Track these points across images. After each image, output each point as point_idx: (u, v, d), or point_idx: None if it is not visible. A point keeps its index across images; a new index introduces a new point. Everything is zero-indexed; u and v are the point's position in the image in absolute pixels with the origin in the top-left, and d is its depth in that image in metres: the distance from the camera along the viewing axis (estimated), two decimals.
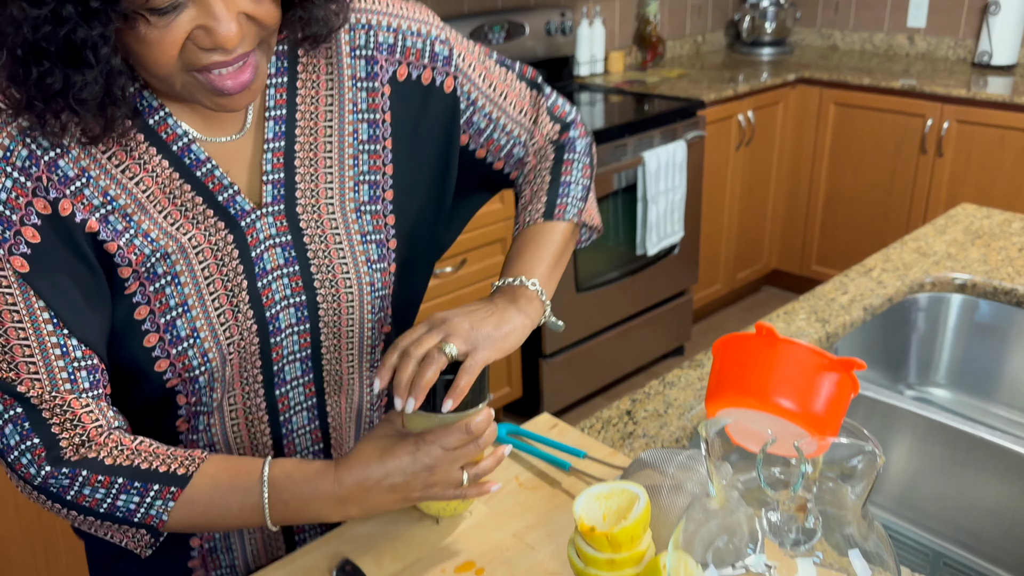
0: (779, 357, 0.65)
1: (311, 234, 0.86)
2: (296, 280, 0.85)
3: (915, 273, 1.55)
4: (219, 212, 0.81)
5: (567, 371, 2.85)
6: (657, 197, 2.82)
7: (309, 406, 0.92)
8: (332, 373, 0.92)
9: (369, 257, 0.89)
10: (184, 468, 0.79)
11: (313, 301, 0.87)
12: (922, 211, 3.22)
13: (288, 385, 0.89)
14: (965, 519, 1.23)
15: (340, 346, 0.91)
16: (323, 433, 0.95)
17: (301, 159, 0.86)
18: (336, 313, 0.88)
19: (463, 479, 0.80)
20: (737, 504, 0.72)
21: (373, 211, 0.90)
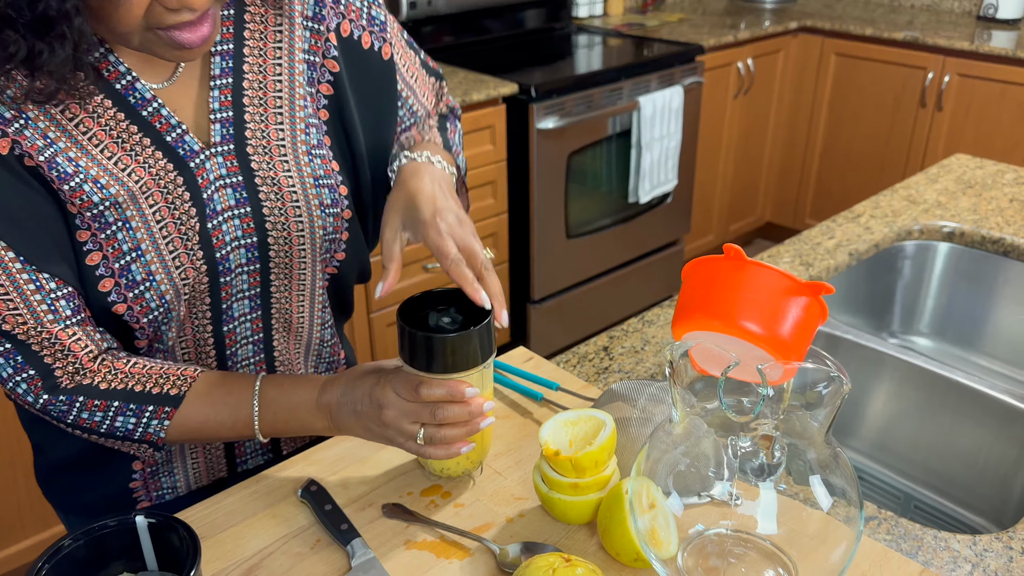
0: (747, 280, 0.64)
1: (263, 176, 0.85)
2: (248, 221, 0.84)
3: (903, 220, 1.54)
4: (168, 153, 0.79)
5: (555, 317, 2.85)
6: (651, 144, 2.79)
7: (255, 340, 0.92)
8: (281, 311, 0.92)
9: (323, 201, 0.88)
10: (176, 388, 0.82)
11: (264, 242, 0.86)
12: (918, 165, 3.19)
13: (236, 321, 0.89)
14: (939, 463, 1.23)
15: (291, 287, 0.91)
16: (269, 366, 0.95)
17: (250, 97, 0.84)
18: (287, 256, 0.88)
19: (418, 435, 0.78)
20: (702, 432, 0.72)
21: (321, 155, 0.88)
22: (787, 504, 0.71)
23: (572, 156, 2.63)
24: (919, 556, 0.82)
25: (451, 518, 0.83)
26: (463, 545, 0.80)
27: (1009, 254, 1.45)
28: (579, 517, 0.81)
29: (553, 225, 2.68)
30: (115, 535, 0.63)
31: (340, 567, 0.78)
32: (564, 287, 2.83)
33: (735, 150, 3.37)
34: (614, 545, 0.77)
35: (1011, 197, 1.61)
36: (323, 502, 0.83)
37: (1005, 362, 1.48)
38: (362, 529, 0.82)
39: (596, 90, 2.60)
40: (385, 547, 0.80)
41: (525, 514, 0.84)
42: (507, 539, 0.81)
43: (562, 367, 1.11)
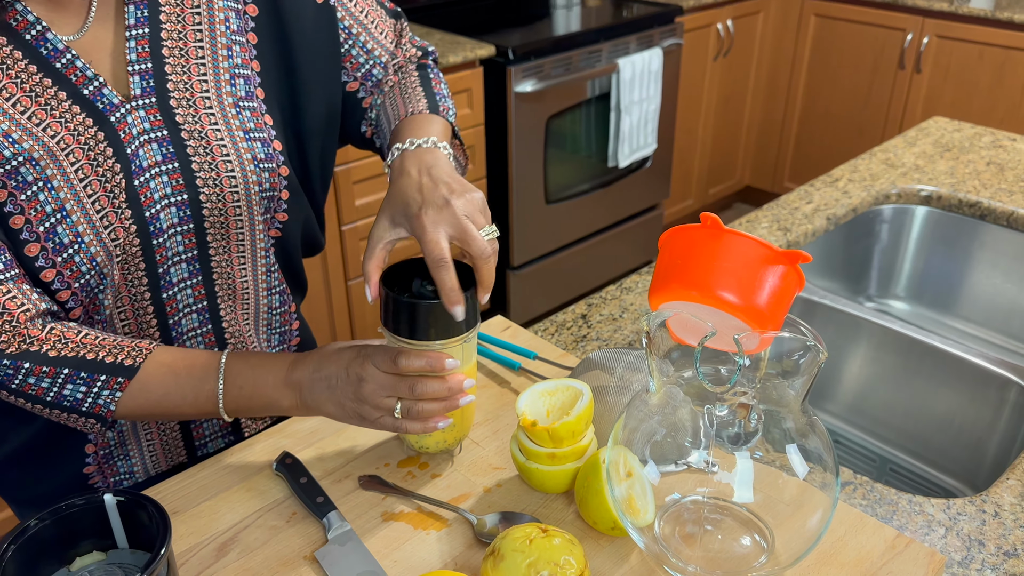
0: (724, 249, 0.63)
1: (189, 130, 0.82)
2: (176, 178, 0.81)
3: (881, 184, 1.53)
4: (86, 107, 0.76)
5: (534, 284, 2.84)
6: (631, 107, 2.76)
7: (199, 308, 0.89)
8: (223, 276, 0.89)
9: (255, 156, 0.85)
10: (131, 359, 0.78)
11: (196, 200, 0.83)
12: (897, 128, 3.19)
13: (175, 287, 0.86)
14: (914, 426, 1.24)
15: (230, 248, 0.88)
16: (218, 337, 0.92)
17: (170, 48, 0.81)
18: (222, 214, 0.85)
19: (395, 409, 0.75)
20: (679, 401, 0.71)
21: (251, 108, 0.85)
22: (764, 471, 0.71)
23: (551, 120, 2.60)
24: (894, 520, 0.82)
25: (428, 489, 0.83)
26: (441, 516, 0.80)
27: (986, 218, 1.46)
28: (556, 486, 0.81)
29: (532, 190, 2.66)
30: (83, 514, 0.62)
31: (316, 540, 0.77)
32: (543, 253, 2.82)
33: (714, 113, 3.35)
34: (591, 514, 0.77)
35: (988, 160, 1.61)
36: (298, 475, 0.83)
37: (980, 325, 1.49)
38: (338, 501, 0.81)
39: (575, 52, 2.57)
40: (362, 519, 0.79)
41: (503, 484, 0.84)
42: (485, 509, 0.80)
43: (540, 336, 1.10)
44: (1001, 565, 0.77)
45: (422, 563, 0.75)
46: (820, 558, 0.75)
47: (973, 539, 0.80)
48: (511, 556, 0.67)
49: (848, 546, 0.75)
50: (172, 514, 0.80)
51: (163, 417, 0.82)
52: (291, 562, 0.75)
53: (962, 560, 0.77)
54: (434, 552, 0.76)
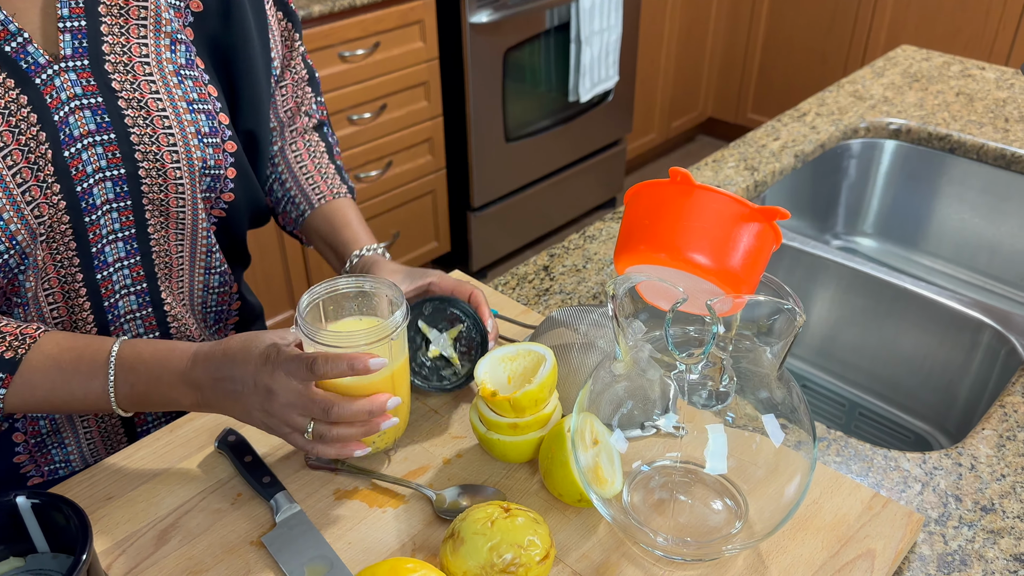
0: (694, 206, 0.58)
1: (127, 97, 0.74)
2: (113, 150, 0.74)
3: (850, 118, 1.48)
4: (7, 66, 0.68)
5: (496, 224, 2.77)
6: (591, 37, 2.66)
7: (138, 290, 0.83)
8: (162, 255, 0.83)
9: (199, 129, 0.77)
10: (12, 351, 0.70)
11: (135, 175, 0.75)
12: (860, 55, 3.13)
13: (110, 268, 0.79)
14: (883, 369, 1.22)
15: (168, 225, 0.81)
16: (159, 320, 0.85)
17: (108, 6, 0.73)
18: (162, 190, 0.78)
19: (307, 429, 0.67)
20: (646, 365, 0.67)
21: (193, 77, 0.78)
22: (737, 436, 0.67)
23: (508, 53, 2.50)
24: (869, 477, 0.80)
25: (382, 463, 0.78)
26: (397, 492, 0.75)
27: (955, 151, 1.42)
28: (519, 457, 0.76)
29: (491, 128, 2.57)
30: None
31: (264, 523, 0.72)
32: (504, 193, 2.75)
33: (676, 42, 3.25)
34: (556, 486, 0.72)
35: (957, 91, 1.57)
36: (243, 453, 0.77)
37: (948, 261, 1.47)
38: (287, 481, 0.76)
39: None
40: (312, 499, 0.74)
41: (463, 454, 0.79)
42: (444, 483, 0.76)
43: (500, 290, 1.05)
44: (978, 521, 0.74)
45: (378, 544, 0.70)
46: (795, 522, 0.72)
47: (950, 494, 0.77)
48: (472, 539, 0.63)
49: (824, 509, 0.72)
50: (107, 499, 0.75)
51: (58, 412, 0.74)
52: (237, 548, 0.70)
53: (939, 517, 0.75)
54: (391, 532, 0.71)
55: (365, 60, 2.19)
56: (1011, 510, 0.76)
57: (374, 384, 0.70)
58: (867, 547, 0.69)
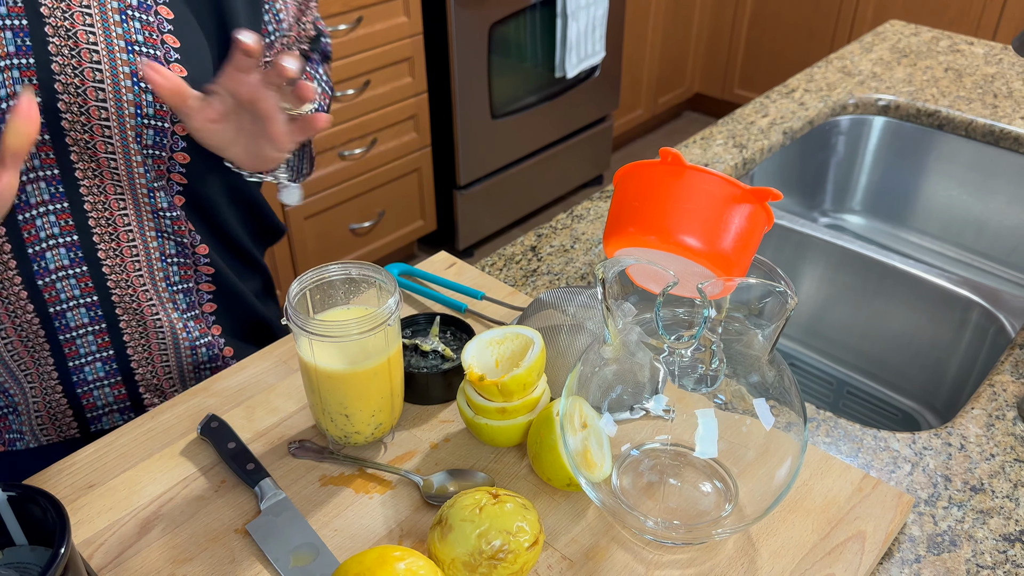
0: (685, 188, 0.56)
1: (55, 24, 0.71)
2: (30, 75, 0.71)
3: (838, 94, 1.47)
4: None
5: (482, 202, 2.75)
6: (578, 12, 2.63)
7: (67, 242, 0.79)
8: (99, 208, 0.79)
9: (136, 72, 0.74)
10: None
11: (54, 107, 0.72)
12: (847, 31, 3.11)
13: (34, 210, 0.76)
14: (871, 347, 1.22)
15: (102, 174, 0.77)
16: (97, 283, 0.81)
17: None
18: (86, 130, 0.74)
19: None
20: (635, 348, 0.66)
21: (144, 20, 0.74)
22: (726, 417, 0.66)
23: (494, 27, 2.46)
24: (859, 458, 0.79)
25: (369, 449, 0.77)
26: (384, 478, 0.74)
27: (944, 127, 1.41)
28: (508, 441, 0.75)
29: (477, 105, 2.54)
30: None
31: (248, 510, 0.71)
32: (491, 171, 2.72)
33: (663, 16, 3.22)
34: (545, 470, 0.72)
35: (946, 66, 1.56)
36: (226, 439, 0.76)
37: (936, 238, 1.47)
38: (271, 467, 0.75)
39: None
40: (297, 486, 0.73)
41: (451, 439, 0.78)
42: (431, 467, 0.75)
43: (487, 271, 1.03)
44: (968, 502, 0.74)
45: (365, 531, 0.69)
46: (785, 504, 0.71)
47: (939, 475, 0.77)
48: (460, 526, 0.62)
49: (814, 491, 0.72)
50: (88, 488, 0.73)
51: None
52: (221, 537, 0.69)
53: (928, 498, 0.75)
54: (378, 518, 0.70)
55: (348, 35, 2.15)
56: (1000, 490, 0.75)
57: (372, 369, 0.69)
58: (857, 529, 0.69)
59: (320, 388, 0.71)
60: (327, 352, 0.70)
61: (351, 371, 0.70)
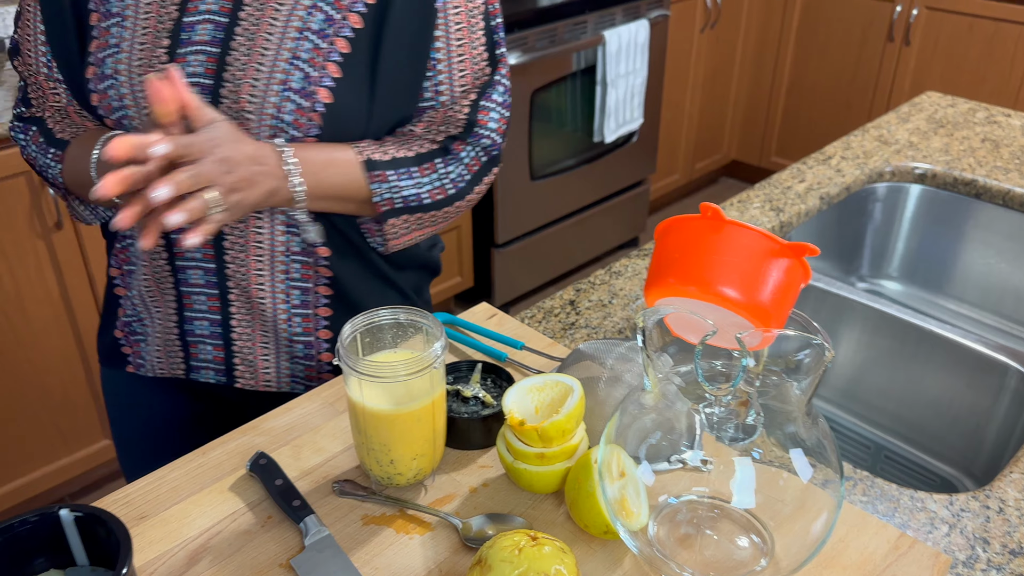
0: (724, 241, 0.59)
1: (245, 27, 0.84)
2: (212, 61, 0.84)
3: (875, 162, 1.50)
4: None
5: (519, 261, 2.80)
6: (617, 80, 2.70)
7: None
8: None
9: (287, 82, 0.83)
10: (70, 136, 0.92)
11: (217, 92, 0.84)
12: (885, 101, 3.15)
13: None
14: (909, 412, 1.22)
15: None
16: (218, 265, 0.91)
17: None
18: (236, 116, 0.84)
19: None
20: (674, 398, 0.68)
21: (316, 45, 0.84)
22: (763, 471, 0.67)
23: (536, 94, 2.54)
24: (895, 518, 0.79)
25: (410, 491, 0.79)
26: (424, 520, 0.76)
27: (981, 196, 1.42)
28: (546, 487, 0.77)
29: (517, 166, 2.60)
30: (37, 530, 0.58)
31: (293, 546, 0.73)
32: (529, 230, 2.78)
33: (701, 86, 3.29)
34: (582, 517, 0.73)
35: (983, 137, 1.58)
36: (274, 476, 0.78)
37: (973, 305, 1.47)
38: (316, 504, 0.77)
39: (560, 23, 2.51)
40: (341, 524, 0.75)
41: (489, 483, 0.80)
42: (471, 511, 0.77)
43: (527, 323, 1.06)
44: (1007, 564, 0.74)
45: (405, 570, 0.71)
46: (822, 560, 0.72)
47: (977, 537, 0.77)
48: (499, 566, 0.64)
49: (850, 547, 0.72)
50: (140, 519, 0.76)
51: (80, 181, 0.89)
52: (266, 571, 0.71)
53: (967, 560, 0.75)
54: (417, 558, 0.72)
55: None
56: None
57: (417, 411, 0.72)
58: None
59: (366, 428, 0.74)
60: (375, 392, 0.73)
61: (397, 412, 0.72)
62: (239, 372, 0.97)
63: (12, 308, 1.80)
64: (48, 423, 1.94)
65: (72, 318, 1.90)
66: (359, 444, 0.76)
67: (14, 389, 1.86)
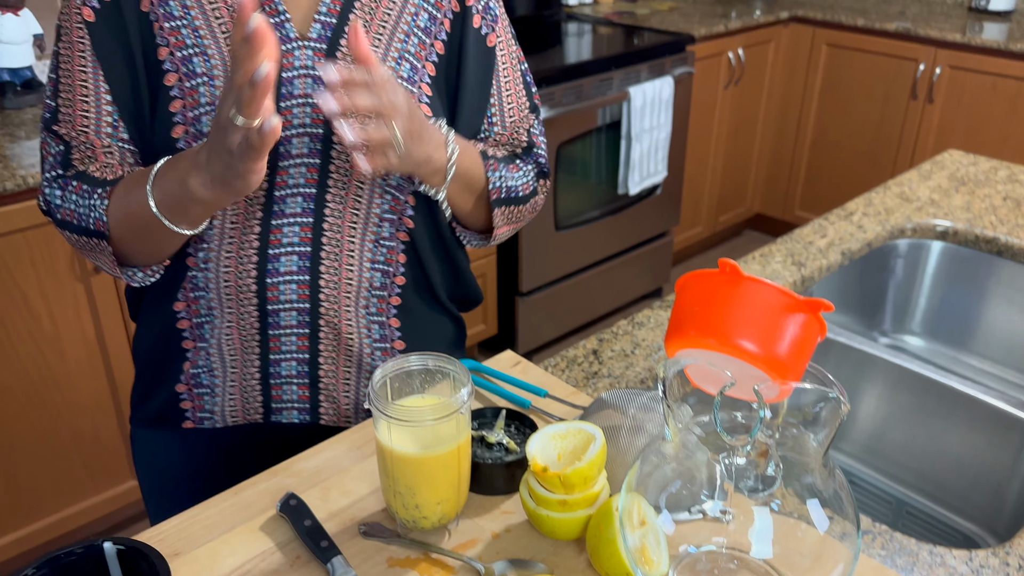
0: (743, 296, 0.61)
1: (346, 51, 0.89)
2: (318, 112, 0.87)
3: (896, 218, 1.52)
4: None
5: (543, 310, 2.82)
6: (641, 135, 2.76)
7: (300, 252, 0.91)
8: (334, 230, 0.92)
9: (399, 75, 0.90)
10: (114, 175, 0.89)
11: (328, 138, 0.88)
12: (908, 158, 3.18)
13: (285, 218, 0.90)
14: (931, 468, 1.22)
15: (346, 199, 0.91)
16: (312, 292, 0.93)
17: (357, 15, 0.89)
18: (347, 159, 0.89)
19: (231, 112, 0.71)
20: (694, 448, 0.69)
21: (409, 91, 0.90)
22: (782, 522, 0.69)
23: (562, 147, 2.60)
24: (915, 572, 0.80)
25: (435, 534, 0.81)
26: (447, 563, 0.77)
27: (1003, 254, 1.44)
28: (568, 534, 0.79)
29: (543, 216, 2.65)
30: (82, 562, 0.60)
31: None
32: (553, 279, 2.81)
33: (725, 141, 3.34)
34: (603, 564, 0.74)
35: (1004, 195, 1.59)
36: (303, 517, 0.81)
37: (996, 362, 1.47)
38: (343, 545, 0.79)
39: (586, 80, 2.57)
40: (367, 565, 0.77)
41: (512, 529, 0.81)
42: (493, 556, 0.78)
43: (550, 372, 1.08)
44: None
45: None
46: None
47: None
48: None
49: None
50: (173, 556, 0.79)
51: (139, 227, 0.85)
52: None
53: None
54: None
55: None
56: None
57: (443, 455, 0.74)
58: None
59: (393, 470, 0.76)
60: (403, 436, 0.75)
61: (423, 456, 0.75)
62: (324, 409, 1.00)
63: (50, 349, 1.85)
64: (78, 462, 1.98)
65: (106, 360, 1.94)
66: (386, 487, 0.79)
67: (48, 427, 1.91)
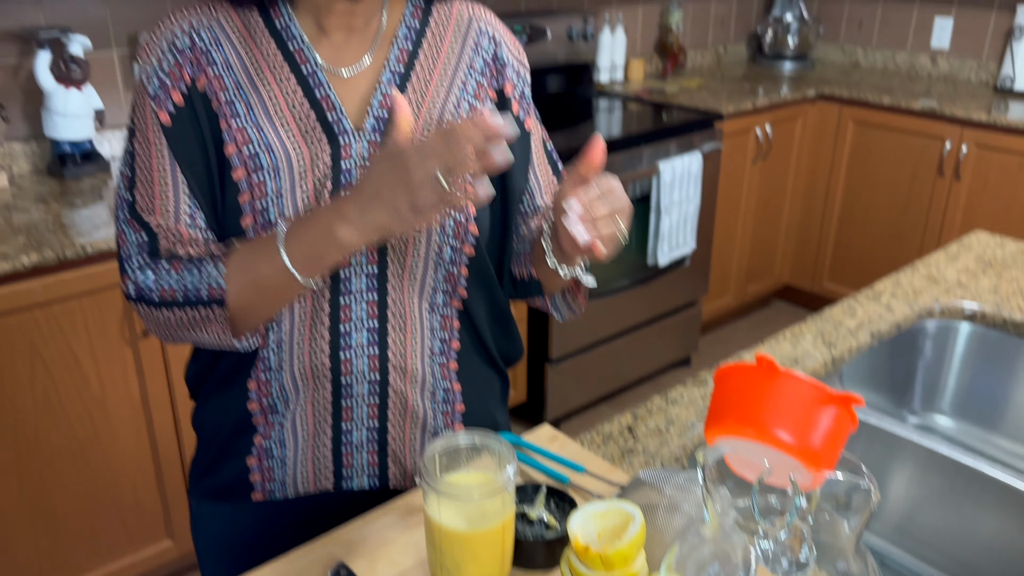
0: (778, 389, 0.65)
1: None
2: None
3: (924, 299, 1.55)
4: (325, 128, 0.92)
5: (572, 377, 2.86)
6: (671, 208, 2.82)
7: (371, 327, 0.96)
8: (397, 304, 0.97)
9: (444, 226, 0.95)
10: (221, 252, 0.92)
11: None
12: (936, 234, 3.21)
13: (352, 296, 0.95)
14: (963, 552, 1.22)
15: (403, 276, 0.96)
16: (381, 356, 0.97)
17: (413, 88, 0.96)
18: (403, 241, 0.94)
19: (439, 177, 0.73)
20: (731, 531, 0.73)
21: None
22: None
23: None
24: None
25: None
26: None
27: None
28: None
29: None
30: None
31: None
32: (582, 347, 2.85)
33: (753, 214, 3.40)
34: None
35: None
36: None
37: None
38: None
39: (617, 155, 2.65)
40: None
41: None
42: None
43: (586, 447, 1.12)
44: None
45: None
46: None
47: None
48: None
49: None
50: None
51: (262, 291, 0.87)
52: None
53: None
54: None
55: None
56: None
57: (489, 532, 0.78)
58: None
59: (441, 544, 0.80)
60: (451, 512, 0.79)
61: (470, 532, 0.78)
62: (392, 473, 1.04)
63: (96, 407, 1.91)
64: (116, 520, 2.02)
65: (149, 421, 2.00)
66: (432, 560, 0.82)
67: (88, 485, 1.96)
